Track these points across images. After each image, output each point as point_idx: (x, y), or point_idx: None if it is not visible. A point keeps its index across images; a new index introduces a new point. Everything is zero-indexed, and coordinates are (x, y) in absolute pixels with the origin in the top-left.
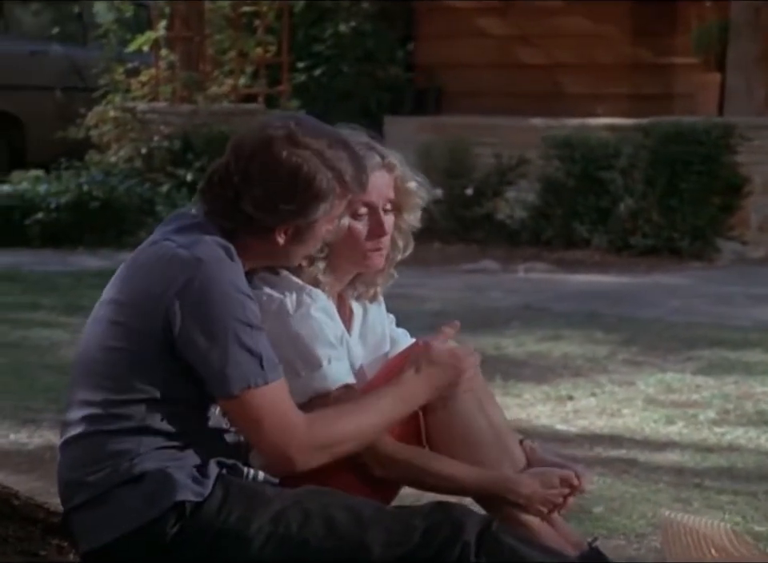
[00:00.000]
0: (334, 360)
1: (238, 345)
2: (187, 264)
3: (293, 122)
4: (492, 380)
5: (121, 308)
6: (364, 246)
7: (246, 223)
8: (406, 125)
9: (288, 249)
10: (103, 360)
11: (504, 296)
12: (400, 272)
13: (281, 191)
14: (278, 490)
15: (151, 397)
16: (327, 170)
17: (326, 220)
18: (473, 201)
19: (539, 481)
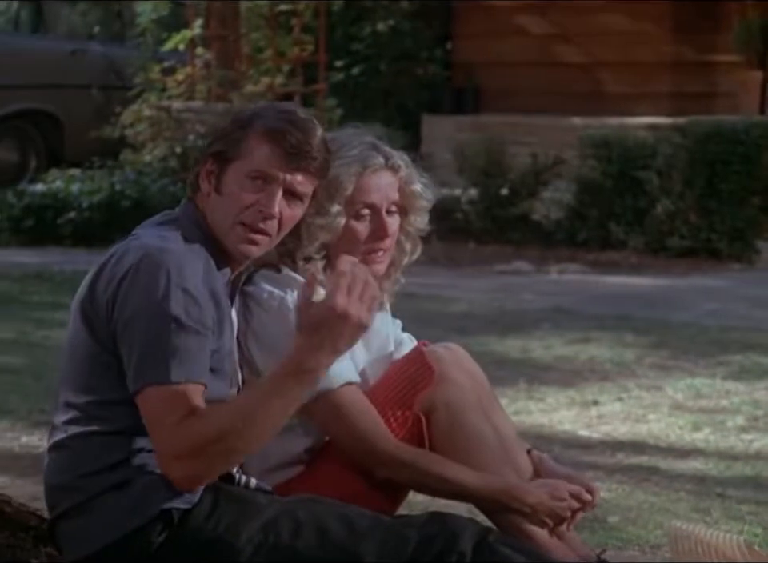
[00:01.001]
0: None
1: (153, 340)
2: (134, 253)
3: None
4: (515, 384)
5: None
6: (364, 248)
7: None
8: (444, 124)
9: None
10: (83, 361)
11: (535, 298)
12: (430, 272)
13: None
14: (270, 498)
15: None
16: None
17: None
18: (508, 201)
19: (547, 492)
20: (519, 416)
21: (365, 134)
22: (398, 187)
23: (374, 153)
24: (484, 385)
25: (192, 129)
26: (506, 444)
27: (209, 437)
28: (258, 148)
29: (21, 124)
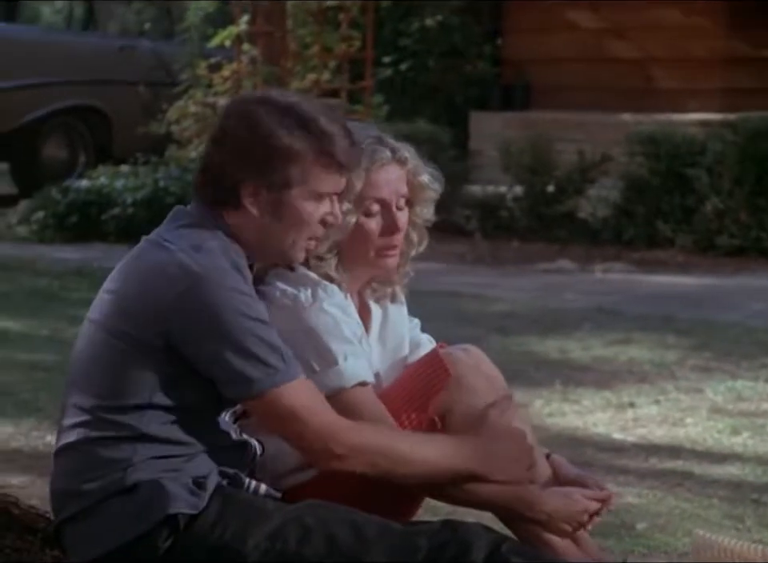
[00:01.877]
0: (351, 356)
1: (257, 342)
2: (186, 271)
3: (276, 90)
4: (551, 385)
5: (114, 309)
6: (377, 244)
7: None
8: (493, 121)
9: (269, 227)
10: (95, 363)
11: (577, 297)
12: (474, 271)
13: (242, 146)
14: (278, 504)
15: (146, 405)
16: (297, 129)
17: (304, 193)
18: (554, 198)
19: (561, 499)
20: (553, 418)
21: (369, 128)
22: (406, 180)
23: (381, 147)
24: (502, 389)
25: None
26: None
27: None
28: (313, 172)
29: (70, 120)
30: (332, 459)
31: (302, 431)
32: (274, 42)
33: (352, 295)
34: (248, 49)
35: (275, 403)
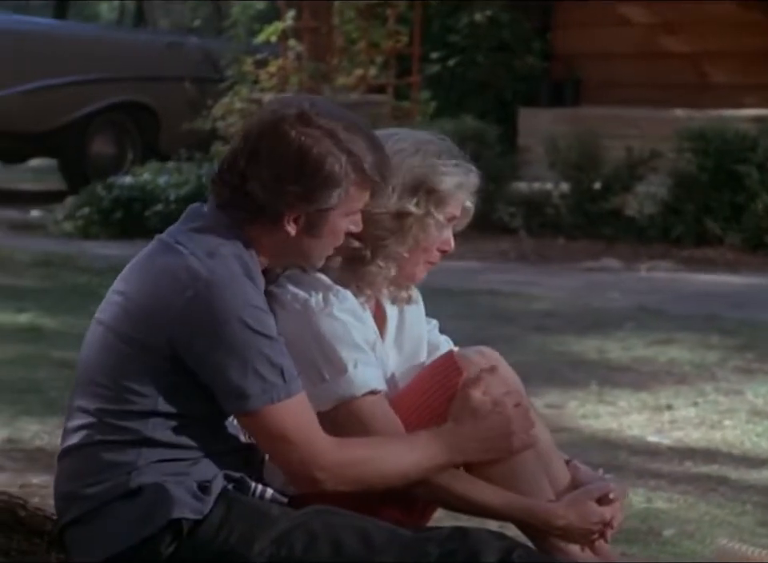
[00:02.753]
0: (361, 364)
1: (258, 358)
2: (197, 276)
3: (307, 102)
4: (587, 386)
5: (122, 311)
6: (431, 256)
7: (254, 212)
8: (542, 117)
9: (302, 242)
10: (101, 366)
11: (621, 296)
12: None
13: (287, 172)
14: (284, 509)
15: (151, 409)
16: (340, 153)
17: (342, 212)
18: (600, 195)
19: (574, 512)
20: (587, 419)
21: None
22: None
23: (473, 170)
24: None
25: None
26: (541, 455)
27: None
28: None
29: (118, 117)
30: (313, 483)
31: (288, 453)
32: (320, 38)
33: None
34: (294, 46)
35: (266, 422)
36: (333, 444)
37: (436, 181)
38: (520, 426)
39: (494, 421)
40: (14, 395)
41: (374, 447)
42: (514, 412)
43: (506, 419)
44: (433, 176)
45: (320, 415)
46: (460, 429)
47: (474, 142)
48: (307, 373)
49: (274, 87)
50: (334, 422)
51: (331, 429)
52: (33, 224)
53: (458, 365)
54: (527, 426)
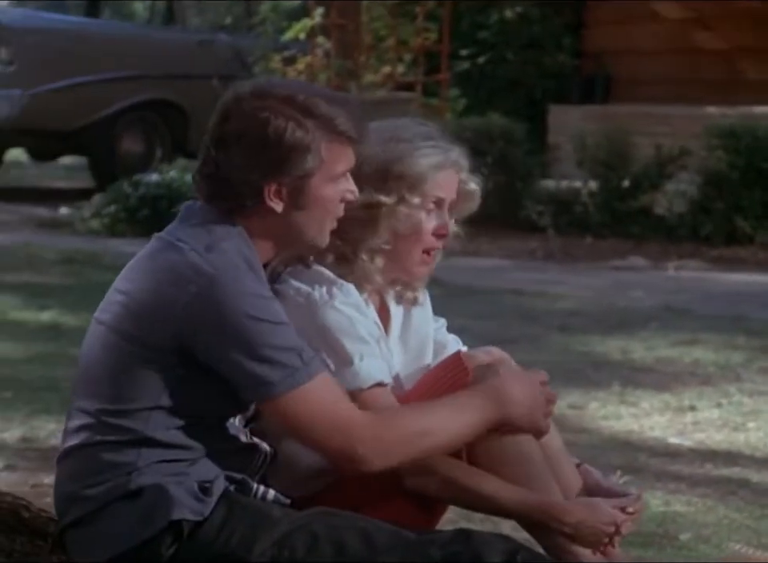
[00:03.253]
0: (367, 356)
1: (271, 345)
2: (200, 272)
3: (263, 80)
4: (608, 386)
5: (124, 310)
6: (426, 244)
7: (236, 198)
8: (572, 114)
9: (291, 218)
10: (102, 366)
11: (647, 295)
12: (543, 268)
13: (254, 147)
14: (286, 511)
15: (152, 408)
16: (303, 117)
17: (324, 177)
18: (629, 193)
19: (588, 511)
20: (608, 420)
21: (432, 127)
22: (458, 184)
23: (453, 148)
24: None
25: None
26: (551, 458)
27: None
28: (328, 155)
29: (147, 114)
30: (357, 462)
31: (323, 435)
32: (348, 35)
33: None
34: (322, 43)
35: (294, 406)
36: (369, 417)
37: (406, 166)
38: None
39: (529, 382)
40: (31, 393)
41: (413, 411)
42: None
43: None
44: (401, 161)
45: None
46: (502, 383)
47: (502, 140)
48: None
49: None
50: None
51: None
52: (60, 221)
53: (465, 366)
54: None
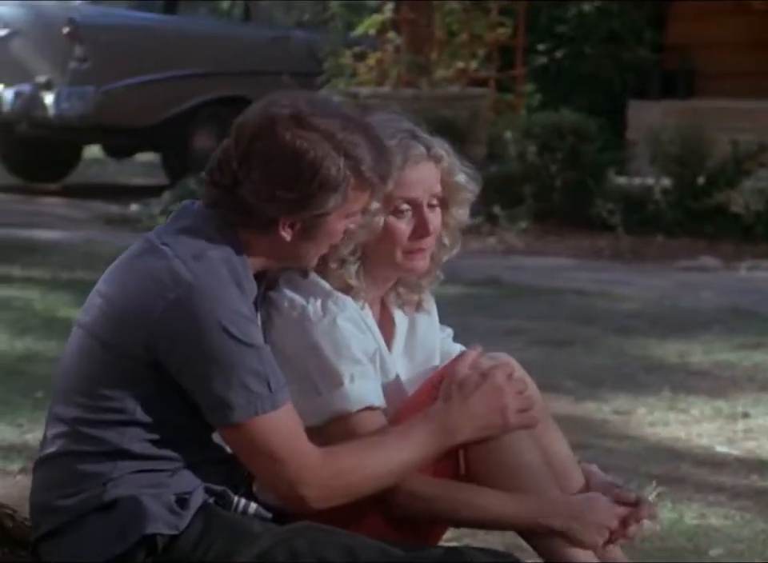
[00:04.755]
0: (358, 377)
1: (241, 367)
2: (180, 281)
3: (302, 100)
4: (659, 391)
5: (101, 314)
6: (405, 246)
7: (246, 215)
8: (652, 109)
9: (297, 246)
10: (79, 373)
11: (714, 296)
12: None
13: (282, 178)
14: (267, 525)
15: (128, 419)
16: (339, 157)
17: (340, 214)
18: (703, 191)
19: (583, 504)
20: (654, 427)
21: (401, 120)
22: (439, 179)
23: (414, 143)
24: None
25: None
26: (556, 468)
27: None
28: (353, 196)
29: (221, 111)
30: (300, 501)
31: (273, 469)
32: (419, 30)
33: (372, 304)
34: (393, 38)
35: (251, 435)
36: (320, 459)
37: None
38: (514, 399)
39: (483, 393)
40: None
41: (361, 452)
42: (506, 383)
43: (496, 390)
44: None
45: (314, 430)
46: (449, 406)
47: (573, 136)
48: (302, 384)
49: (371, 80)
50: (327, 438)
51: (324, 444)
52: (129, 218)
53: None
54: (524, 402)
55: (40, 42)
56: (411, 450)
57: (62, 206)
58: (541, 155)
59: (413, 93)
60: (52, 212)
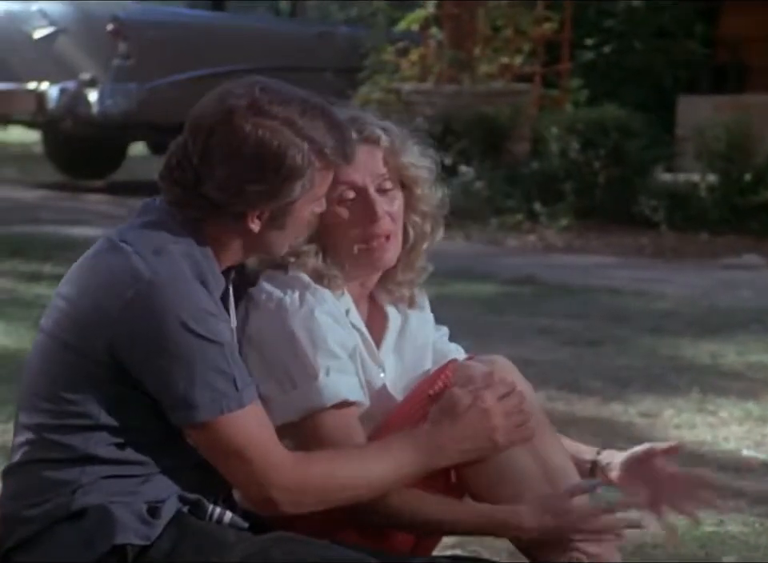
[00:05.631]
0: (335, 371)
1: (205, 365)
2: (139, 277)
3: (257, 88)
4: (687, 393)
5: (62, 317)
6: (356, 235)
7: (212, 211)
8: (702, 104)
9: (266, 236)
10: (41, 377)
11: (754, 296)
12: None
13: (247, 171)
14: (242, 536)
15: (94, 424)
16: (302, 142)
17: (307, 200)
18: (750, 188)
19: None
20: (680, 430)
21: (342, 108)
22: (382, 158)
23: (361, 126)
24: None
25: (420, 111)
26: (552, 476)
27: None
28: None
29: None
30: (270, 504)
31: (241, 471)
32: (462, 25)
33: (359, 301)
34: (436, 33)
35: (217, 435)
36: (291, 461)
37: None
38: (504, 420)
39: (471, 416)
40: None
41: (336, 460)
42: (495, 405)
43: (484, 413)
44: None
45: (289, 427)
46: (436, 428)
47: (617, 132)
48: (278, 378)
49: (414, 76)
50: (302, 435)
51: (299, 442)
52: None
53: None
54: (516, 420)
55: (85, 40)
56: (391, 464)
57: (106, 204)
58: (583, 152)
59: (454, 89)
60: (95, 209)
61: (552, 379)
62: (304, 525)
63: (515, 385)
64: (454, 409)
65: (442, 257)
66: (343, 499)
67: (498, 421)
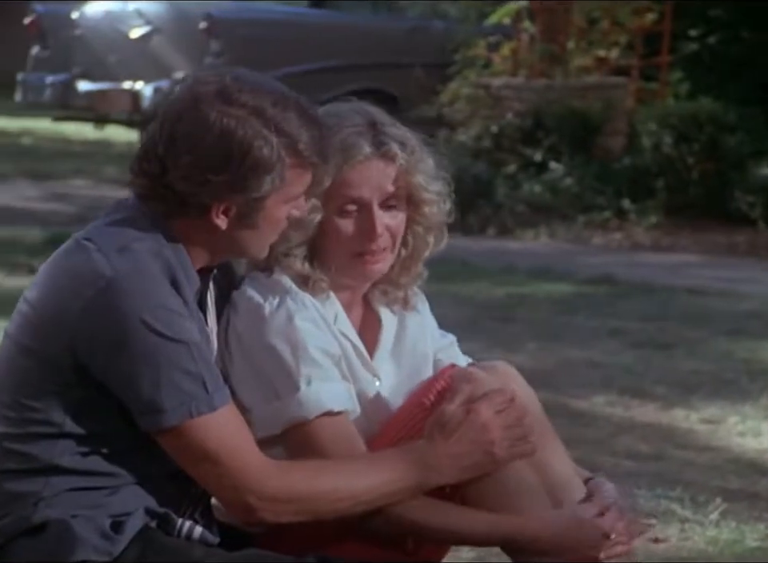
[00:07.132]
0: (317, 380)
1: (171, 366)
2: (99, 275)
3: (229, 76)
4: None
5: (24, 321)
6: (352, 248)
7: (178, 204)
8: None
9: (236, 235)
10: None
11: None
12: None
13: (210, 159)
14: (211, 552)
15: (58, 432)
16: (270, 134)
17: (279, 198)
18: None
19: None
20: (743, 437)
21: (363, 111)
22: (394, 177)
23: (361, 141)
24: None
25: (510, 106)
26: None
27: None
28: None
29: None
30: (248, 511)
31: (215, 476)
32: (556, 18)
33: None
34: (528, 27)
35: (187, 439)
36: (270, 467)
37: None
38: (503, 432)
39: (466, 431)
40: None
41: (321, 470)
42: (492, 417)
43: (480, 427)
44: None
45: (274, 439)
46: (430, 445)
47: (712, 126)
48: (261, 388)
49: (505, 71)
50: (289, 447)
51: (289, 453)
52: None
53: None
54: (516, 433)
55: (178, 39)
56: (380, 479)
57: None
58: (677, 146)
59: (546, 84)
60: None
61: (615, 383)
62: (293, 538)
63: (515, 395)
64: (447, 426)
65: (523, 256)
66: (327, 511)
67: (496, 434)
